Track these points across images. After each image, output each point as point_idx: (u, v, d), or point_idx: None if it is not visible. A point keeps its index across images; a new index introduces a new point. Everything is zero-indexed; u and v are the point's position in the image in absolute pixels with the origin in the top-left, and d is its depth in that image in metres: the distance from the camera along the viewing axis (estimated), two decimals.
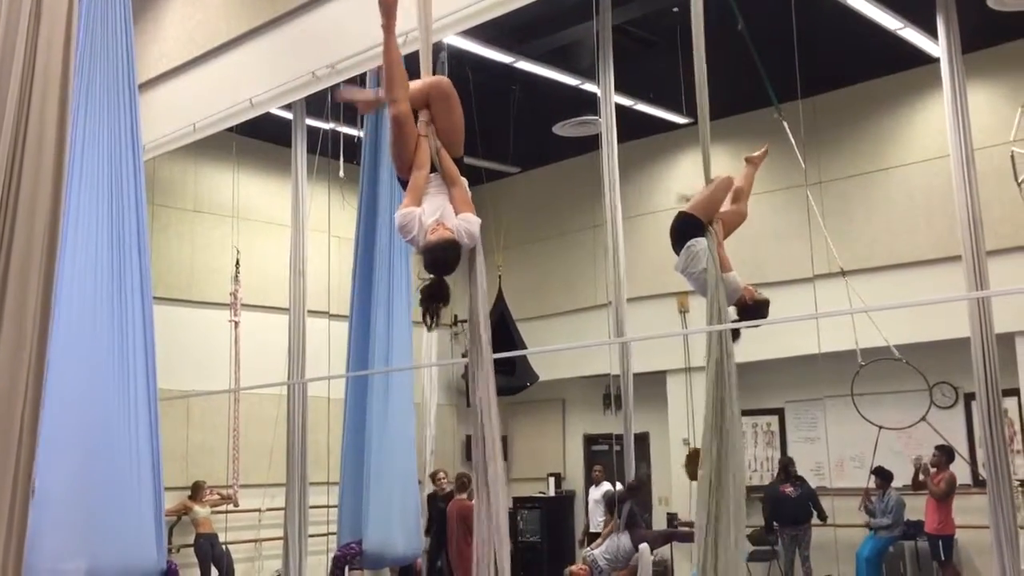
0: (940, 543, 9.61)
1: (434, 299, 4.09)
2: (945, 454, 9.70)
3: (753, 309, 5.40)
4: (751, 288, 5.51)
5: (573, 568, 9.00)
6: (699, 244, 5.37)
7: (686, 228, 5.53)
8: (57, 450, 5.36)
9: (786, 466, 11.15)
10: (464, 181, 4.26)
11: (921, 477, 9.80)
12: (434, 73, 4.56)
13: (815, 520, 10.66)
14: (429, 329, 4.29)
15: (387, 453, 8.25)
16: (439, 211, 4.06)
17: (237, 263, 10.70)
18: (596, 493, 11.41)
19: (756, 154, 5.94)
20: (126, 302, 6.18)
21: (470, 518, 9.75)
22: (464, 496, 9.89)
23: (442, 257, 3.96)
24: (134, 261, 6.27)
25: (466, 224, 4.05)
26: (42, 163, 2.51)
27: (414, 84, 4.26)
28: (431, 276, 4.08)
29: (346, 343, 8.84)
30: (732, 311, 5.50)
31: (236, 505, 10.84)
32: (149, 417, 6.15)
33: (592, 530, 11.46)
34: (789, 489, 10.88)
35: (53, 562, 5.43)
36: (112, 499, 5.82)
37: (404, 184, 4.27)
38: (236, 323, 10.72)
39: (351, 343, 8.64)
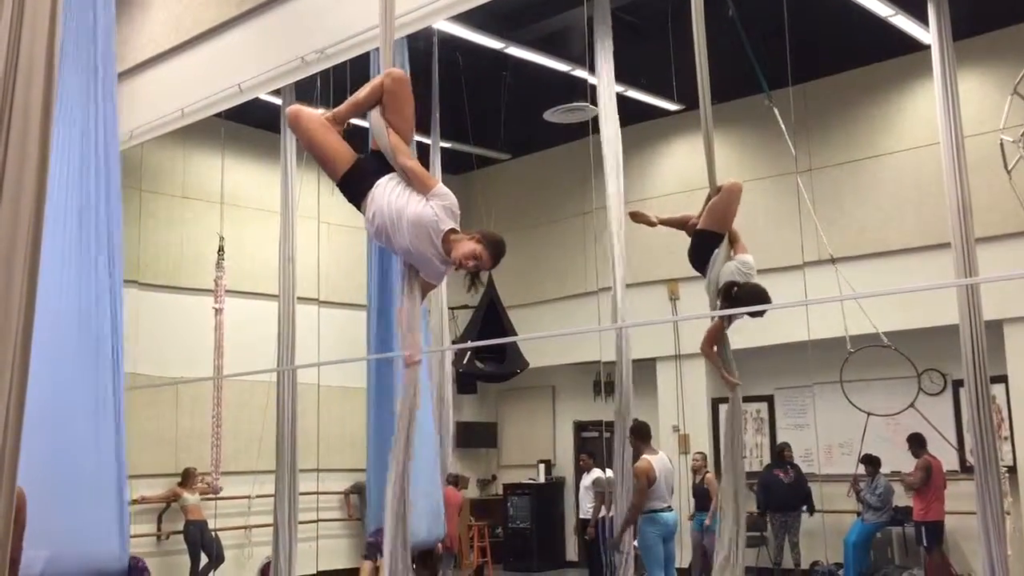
0: (924, 529, 9.66)
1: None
2: (915, 443, 9.78)
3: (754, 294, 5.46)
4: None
5: None
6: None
7: (703, 244, 5.64)
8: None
9: (781, 451, 11.20)
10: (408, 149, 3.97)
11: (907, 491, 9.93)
12: (428, 60, 4.48)
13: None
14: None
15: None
16: (422, 231, 3.77)
17: (220, 249, 10.64)
18: (587, 480, 11.44)
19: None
20: (93, 288, 6.06)
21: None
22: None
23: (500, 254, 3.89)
24: (102, 244, 6.14)
25: (441, 201, 3.79)
26: (27, 150, 2.49)
27: (368, 85, 4.05)
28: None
29: (341, 330, 8.84)
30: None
31: (215, 493, 10.81)
32: (114, 405, 6.03)
33: (582, 516, 11.49)
34: (782, 474, 10.93)
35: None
36: (74, 488, 5.71)
37: (344, 190, 4.01)
38: (219, 310, 10.66)
39: (371, 330, 8.60)
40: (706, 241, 5.64)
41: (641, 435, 7.67)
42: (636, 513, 7.40)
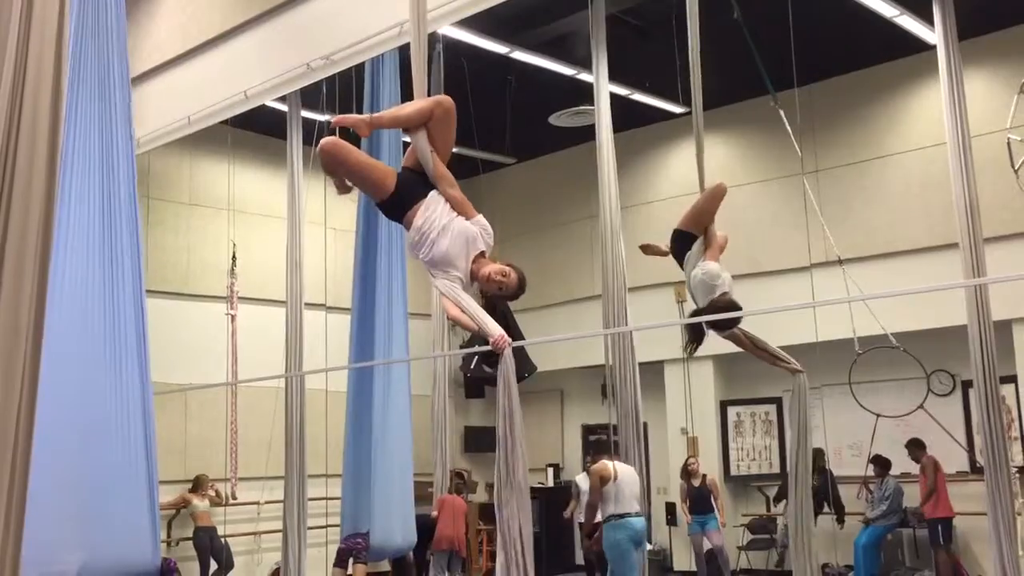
0: (940, 527, 9.64)
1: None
2: (916, 446, 9.83)
3: (720, 308, 5.39)
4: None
5: None
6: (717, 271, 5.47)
7: (678, 244, 5.66)
8: (50, 443, 5.33)
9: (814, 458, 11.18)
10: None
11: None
12: (429, 65, 4.53)
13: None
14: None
15: (387, 446, 8.32)
16: (462, 239, 4.00)
17: (233, 256, 10.68)
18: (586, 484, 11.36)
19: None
20: (118, 295, 6.14)
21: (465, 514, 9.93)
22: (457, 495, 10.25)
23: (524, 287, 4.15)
24: (126, 254, 6.24)
25: (484, 228, 4.09)
26: (35, 158, 2.50)
27: (416, 104, 4.16)
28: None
29: (347, 336, 8.88)
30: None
31: (234, 498, 10.84)
32: (143, 410, 6.12)
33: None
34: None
35: (50, 556, 5.42)
36: (106, 492, 5.80)
37: (386, 212, 4.20)
38: (233, 316, 10.70)
39: (353, 336, 8.66)
40: (681, 241, 5.64)
41: (600, 449, 8.60)
42: (592, 511, 7.78)
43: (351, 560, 8.54)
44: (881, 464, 10.12)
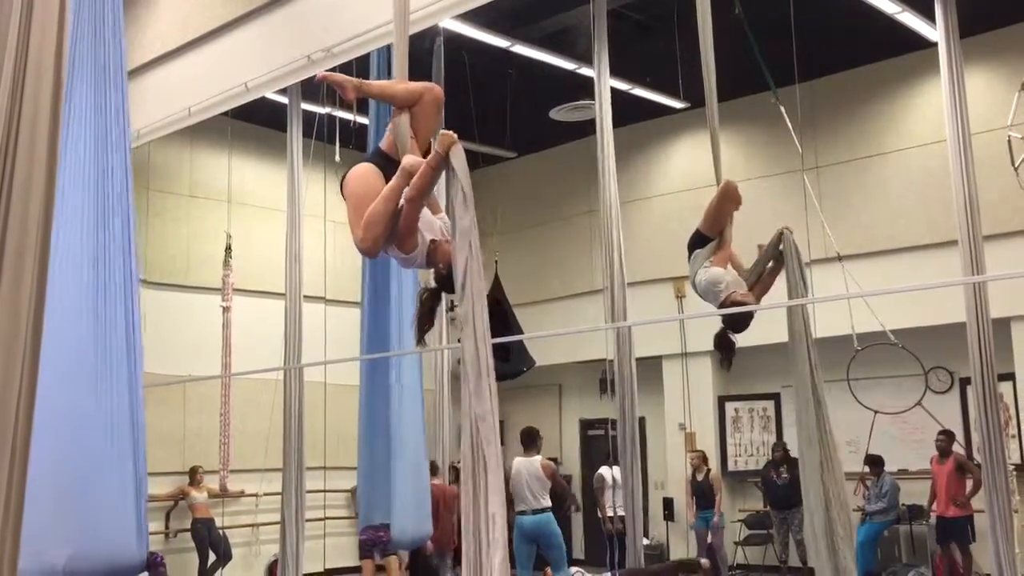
0: (970, 525, 9.60)
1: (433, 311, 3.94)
2: (948, 436, 9.77)
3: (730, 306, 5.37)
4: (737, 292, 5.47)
5: None
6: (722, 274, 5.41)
7: (692, 243, 5.63)
8: (36, 436, 5.29)
9: (773, 451, 11.22)
10: None
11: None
12: (431, 59, 4.46)
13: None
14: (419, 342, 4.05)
15: (403, 438, 8.32)
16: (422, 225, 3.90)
17: (228, 248, 10.67)
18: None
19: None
20: (108, 286, 6.10)
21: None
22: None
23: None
24: (117, 245, 6.18)
25: (445, 222, 3.98)
26: (35, 151, 2.50)
27: (407, 84, 4.08)
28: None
29: (348, 328, 8.87)
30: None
31: (224, 490, 10.84)
32: (130, 402, 6.08)
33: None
34: (774, 474, 10.90)
35: (36, 548, 5.38)
36: (91, 485, 5.77)
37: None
38: (227, 308, 10.69)
39: (364, 327, 8.64)
40: (695, 241, 5.63)
41: (522, 439, 8.56)
42: None
43: (377, 553, 8.63)
44: (875, 462, 10.14)
